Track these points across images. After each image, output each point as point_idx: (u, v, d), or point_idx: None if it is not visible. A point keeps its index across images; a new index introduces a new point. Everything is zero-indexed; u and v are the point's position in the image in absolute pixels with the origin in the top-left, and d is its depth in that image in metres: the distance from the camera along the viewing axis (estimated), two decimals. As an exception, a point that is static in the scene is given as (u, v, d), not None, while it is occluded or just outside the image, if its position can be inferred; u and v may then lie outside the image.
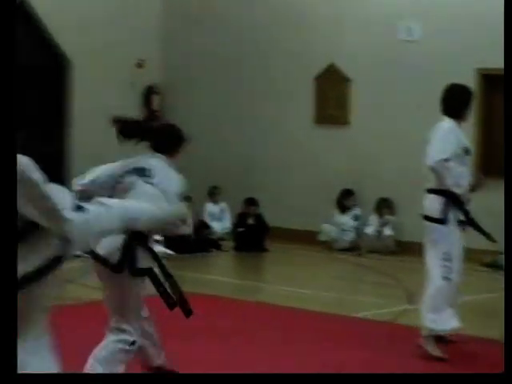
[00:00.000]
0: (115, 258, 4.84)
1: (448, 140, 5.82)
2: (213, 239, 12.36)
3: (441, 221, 5.82)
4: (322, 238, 12.62)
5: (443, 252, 5.86)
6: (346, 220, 12.70)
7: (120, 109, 8.06)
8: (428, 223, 6.01)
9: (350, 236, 12.72)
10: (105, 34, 12.95)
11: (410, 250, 11.67)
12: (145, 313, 5.19)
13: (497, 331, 5.92)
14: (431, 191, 5.99)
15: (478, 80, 10.27)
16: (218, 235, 12.59)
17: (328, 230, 12.53)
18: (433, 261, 5.97)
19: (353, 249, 12.61)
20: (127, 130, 5.18)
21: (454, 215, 5.88)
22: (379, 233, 12.33)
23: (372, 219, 12.35)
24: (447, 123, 5.88)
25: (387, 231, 12.31)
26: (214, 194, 12.71)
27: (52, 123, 12.82)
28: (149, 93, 13.82)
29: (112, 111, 5.91)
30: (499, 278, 7.69)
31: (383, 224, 12.30)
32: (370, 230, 12.27)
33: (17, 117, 2.66)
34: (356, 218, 12.75)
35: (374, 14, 11.86)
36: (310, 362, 6.82)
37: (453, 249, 5.87)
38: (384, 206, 12.33)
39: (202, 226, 12.08)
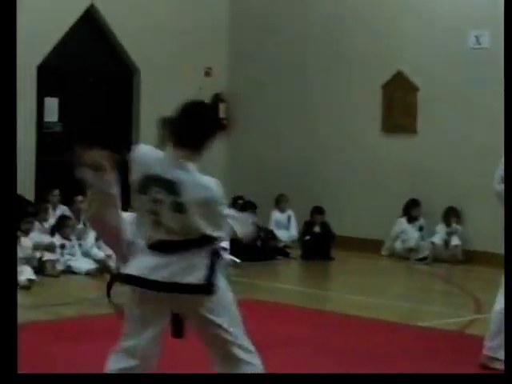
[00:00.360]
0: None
1: None
2: (279, 247, 12.33)
3: None
4: (387, 247, 12.56)
5: None
6: (411, 230, 12.43)
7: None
8: None
9: (415, 245, 12.37)
10: (174, 44, 13.19)
11: (477, 259, 11.79)
12: None
13: None
14: None
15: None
16: (284, 243, 12.52)
17: (393, 240, 12.50)
18: None
19: (420, 259, 12.30)
20: None
21: None
22: (446, 242, 12.14)
23: (439, 228, 12.18)
24: None
25: (455, 240, 12.11)
26: (280, 202, 12.67)
27: (121, 130, 13.11)
28: (216, 100, 13.80)
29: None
30: None
31: (451, 233, 12.16)
32: (437, 239, 12.13)
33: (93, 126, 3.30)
34: (420, 228, 12.46)
35: (441, 21, 11.75)
36: (379, 370, 6.59)
37: None
38: (452, 215, 12.16)
39: (268, 234, 12.03)
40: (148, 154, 4.16)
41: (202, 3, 13.84)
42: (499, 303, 6.58)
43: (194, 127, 4.07)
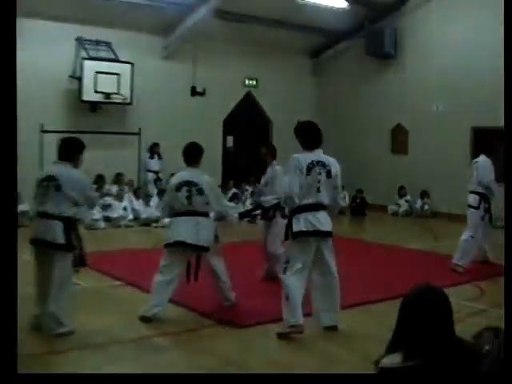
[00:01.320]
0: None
1: None
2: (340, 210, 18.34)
3: None
4: (390, 210, 17.41)
5: None
6: (402, 202, 17.46)
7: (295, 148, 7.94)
8: None
9: (403, 210, 17.13)
10: (286, 107, 19.25)
11: (437, 216, 16.47)
12: None
13: None
14: None
15: None
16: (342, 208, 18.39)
17: (393, 206, 17.52)
18: None
19: (404, 215, 17.11)
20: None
21: None
22: (422, 207, 17.03)
23: (418, 201, 17.22)
24: None
25: (425, 207, 17.01)
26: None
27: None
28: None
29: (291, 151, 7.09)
30: None
31: (424, 203, 17.04)
32: (417, 206, 17.25)
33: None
34: (407, 201, 17.22)
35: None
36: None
37: None
38: (424, 194, 17.05)
39: None
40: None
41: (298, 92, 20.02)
42: (463, 235, 9.76)
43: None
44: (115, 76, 15.95)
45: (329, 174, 6.47)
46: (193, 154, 7.23)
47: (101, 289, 8.35)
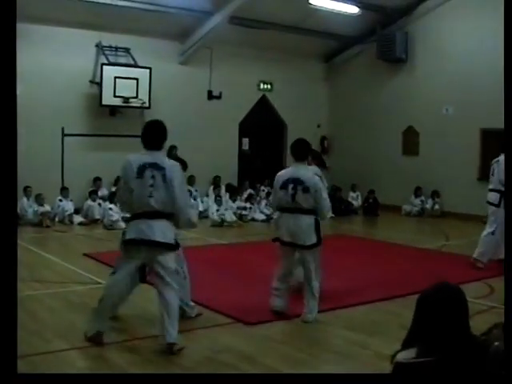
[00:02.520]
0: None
1: None
2: (353, 209, 17.48)
3: None
4: (404, 210, 17.36)
5: None
6: (416, 201, 17.42)
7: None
8: None
9: (416, 210, 17.13)
10: (302, 111, 19.44)
11: (447, 215, 16.56)
12: None
13: None
14: None
15: None
16: (355, 207, 17.68)
17: (408, 206, 17.39)
18: None
19: (416, 215, 17.12)
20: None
21: None
22: (433, 207, 17.03)
23: (429, 201, 17.27)
24: None
25: (436, 206, 17.07)
26: (354, 187, 18.13)
27: (277, 155, 19.14)
28: (323, 139, 19.91)
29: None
30: None
31: (435, 203, 17.05)
32: (428, 205, 17.22)
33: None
34: (421, 201, 17.17)
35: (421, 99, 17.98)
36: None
37: None
38: (435, 194, 17.02)
39: (348, 204, 17.88)
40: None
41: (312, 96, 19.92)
42: (484, 232, 9.83)
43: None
44: (134, 81, 16.07)
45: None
46: (301, 150, 7.09)
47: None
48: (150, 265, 5.89)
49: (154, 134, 5.92)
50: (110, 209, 14.38)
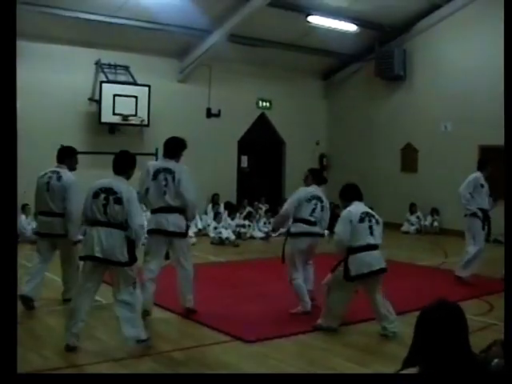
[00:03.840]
0: None
1: None
2: None
3: None
4: (403, 228, 17.43)
5: None
6: (412, 218, 17.50)
7: (307, 167, 9.32)
8: None
9: (414, 228, 17.06)
10: (302, 130, 19.62)
11: (446, 232, 16.23)
12: None
13: None
14: None
15: None
16: None
17: (405, 223, 17.45)
18: None
19: (415, 233, 17.02)
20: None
21: None
22: (431, 224, 16.95)
23: (428, 218, 17.17)
24: None
25: (435, 223, 17.03)
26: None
27: (275, 173, 19.30)
28: (321, 157, 20.08)
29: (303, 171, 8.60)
30: None
31: (433, 220, 17.06)
32: (427, 222, 17.13)
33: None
34: (417, 217, 17.32)
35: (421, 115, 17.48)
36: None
37: None
38: (434, 212, 17.11)
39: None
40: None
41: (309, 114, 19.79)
42: (468, 248, 9.84)
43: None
44: (133, 98, 16.12)
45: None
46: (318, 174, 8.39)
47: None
48: (170, 248, 7.45)
49: (171, 146, 7.52)
50: (109, 226, 14.18)
